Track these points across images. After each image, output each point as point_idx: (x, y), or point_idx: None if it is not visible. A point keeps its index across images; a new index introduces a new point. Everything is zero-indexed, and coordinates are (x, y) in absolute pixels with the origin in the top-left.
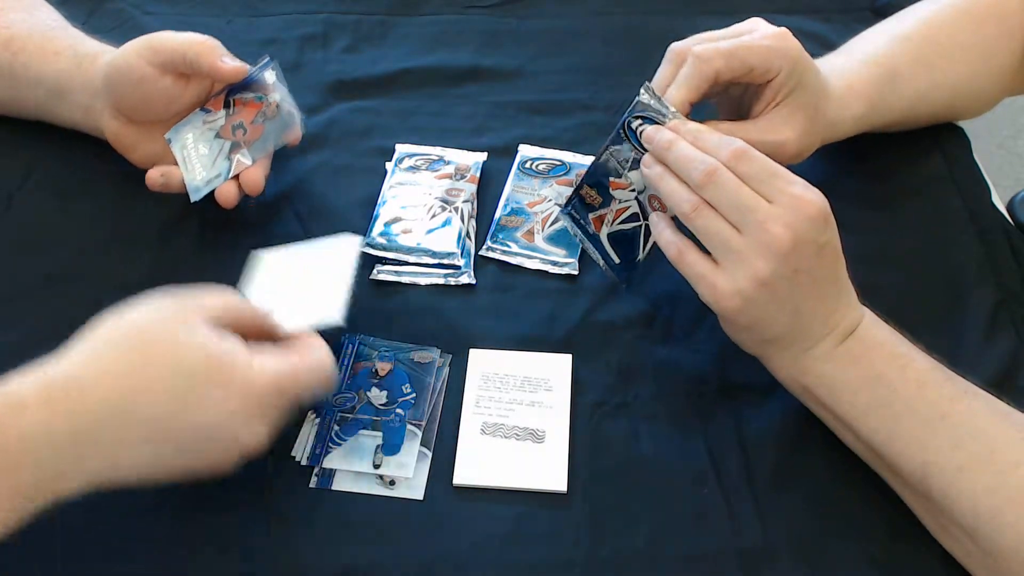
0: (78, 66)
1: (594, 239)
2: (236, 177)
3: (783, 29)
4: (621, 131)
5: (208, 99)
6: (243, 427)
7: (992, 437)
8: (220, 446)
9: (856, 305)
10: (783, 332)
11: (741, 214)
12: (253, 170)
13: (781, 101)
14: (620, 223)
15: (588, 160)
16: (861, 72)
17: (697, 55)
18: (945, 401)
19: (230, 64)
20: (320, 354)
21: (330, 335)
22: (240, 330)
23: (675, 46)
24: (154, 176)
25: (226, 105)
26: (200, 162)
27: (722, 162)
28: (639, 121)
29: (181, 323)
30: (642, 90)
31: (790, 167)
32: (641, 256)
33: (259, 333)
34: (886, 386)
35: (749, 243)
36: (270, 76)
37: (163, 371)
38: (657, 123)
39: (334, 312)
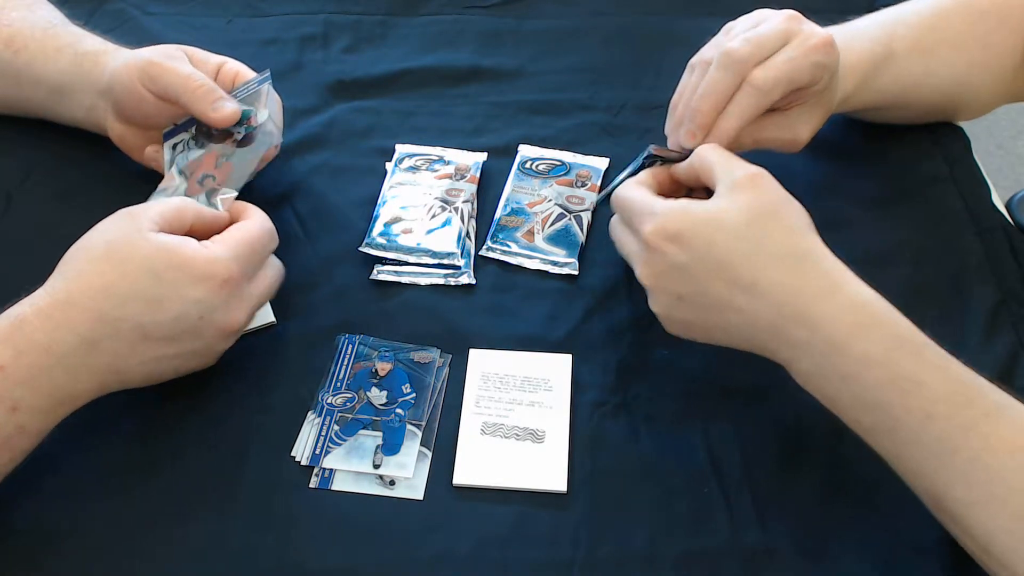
0: (79, 65)
1: None
2: None
3: (830, 38)
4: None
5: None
6: (216, 310)
7: (1009, 475)
8: (202, 332)
9: (820, 320)
10: (735, 344)
11: (625, 254)
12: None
13: (806, 101)
14: None
15: (588, 160)
16: (855, 49)
17: (758, 87)
18: (957, 433)
19: (223, 111)
20: (260, 216)
21: (329, 335)
22: (190, 229)
23: (735, 55)
24: (149, 153)
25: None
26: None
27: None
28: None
29: (138, 232)
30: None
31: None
32: None
33: (207, 226)
34: (887, 414)
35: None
36: (265, 91)
37: (135, 277)
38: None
39: (266, 314)
